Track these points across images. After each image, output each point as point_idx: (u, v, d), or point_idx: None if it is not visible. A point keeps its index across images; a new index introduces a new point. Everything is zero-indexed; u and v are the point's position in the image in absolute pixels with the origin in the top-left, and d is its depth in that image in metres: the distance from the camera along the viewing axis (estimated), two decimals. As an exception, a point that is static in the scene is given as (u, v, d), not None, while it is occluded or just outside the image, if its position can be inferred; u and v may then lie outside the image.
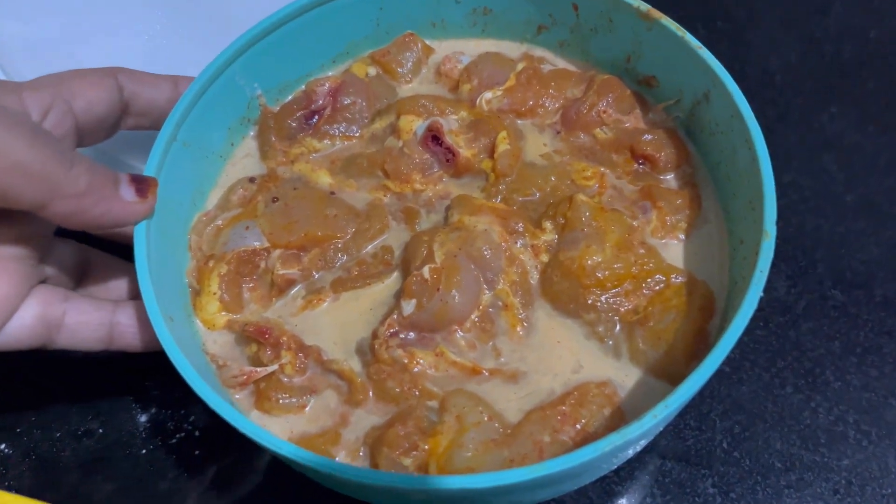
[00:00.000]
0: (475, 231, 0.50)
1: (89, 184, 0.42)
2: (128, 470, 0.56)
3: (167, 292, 0.47)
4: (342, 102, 0.57)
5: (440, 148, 0.54)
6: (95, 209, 0.43)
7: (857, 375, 0.57)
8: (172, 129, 0.49)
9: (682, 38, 0.51)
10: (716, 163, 0.52)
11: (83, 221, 0.44)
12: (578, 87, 0.57)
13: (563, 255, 0.49)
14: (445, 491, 0.37)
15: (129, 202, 0.45)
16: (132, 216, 0.45)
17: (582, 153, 0.55)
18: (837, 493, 0.52)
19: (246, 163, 0.57)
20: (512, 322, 0.49)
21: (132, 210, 0.45)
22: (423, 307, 0.47)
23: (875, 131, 0.69)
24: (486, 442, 0.43)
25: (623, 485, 0.54)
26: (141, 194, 0.45)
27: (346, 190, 0.55)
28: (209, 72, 0.51)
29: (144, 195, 0.46)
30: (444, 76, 0.59)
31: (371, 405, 0.47)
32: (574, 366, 0.47)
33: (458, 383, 0.47)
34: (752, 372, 0.57)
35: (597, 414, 0.44)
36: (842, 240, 0.63)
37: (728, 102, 0.48)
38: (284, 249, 0.51)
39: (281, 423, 0.47)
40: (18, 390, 0.59)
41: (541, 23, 0.59)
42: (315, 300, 0.50)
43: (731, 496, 0.53)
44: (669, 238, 0.51)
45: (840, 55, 0.74)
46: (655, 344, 0.46)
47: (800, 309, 0.60)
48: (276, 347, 0.47)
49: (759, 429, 0.55)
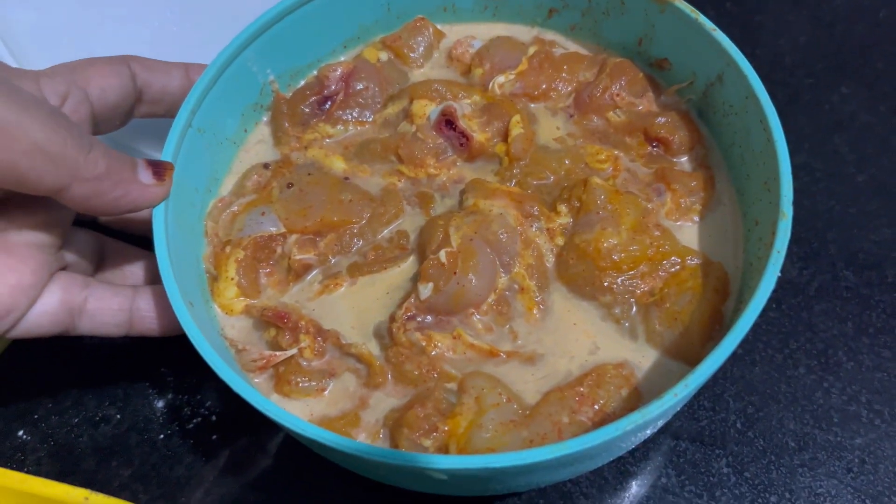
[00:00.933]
0: (490, 215, 0.50)
1: (108, 167, 0.43)
2: (144, 455, 0.56)
3: (185, 278, 0.48)
4: (354, 88, 0.57)
5: (454, 132, 0.54)
6: (114, 192, 0.44)
7: (869, 356, 0.57)
8: (188, 115, 0.49)
9: (697, 21, 0.51)
10: (729, 145, 0.52)
11: (102, 205, 0.44)
12: (591, 71, 0.57)
13: (578, 238, 0.49)
14: (466, 471, 0.38)
15: (147, 185, 0.45)
16: (150, 199, 0.46)
17: (595, 136, 0.55)
18: (851, 471, 0.53)
19: (259, 149, 0.57)
20: (528, 305, 0.49)
21: (150, 193, 0.45)
22: (440, 290, 0.47)
23: (886, 111, 0.69)
24: (506, 423, 0.44)
25: (638, 465, 0.54)
26: (158, 177, 0.46)
27: (360, 175, 0.55)
28: (222, 58, 0.51)
29: (162, 178, 0.46)
30: (455, 60, 0.59)
31: (390, 387, 0.47)
32: (591, 347, 0.48)
33: (475, 365, 0.47)
34: (765, 353, 0.57)
35: (614, 395, 0.45)
36: (854, 221, 0.63)
37: (742, 84, 0.48)
38: (300, 235, 0.51)
39: (300, 406, 0.47)
40: (35, 377, 0.60)
41: (552, 6, 0.59)
42: (332, 285, 0.50)
43: (746, 475, 0.53)
44: (684, 220, 0.51)
45: (850, 35, 0.74)
46: (672, 325, 0.47)
47: (812, 290, 0.60)
48: (294, 331, 0.48)
49: (772, 409, 0.55)
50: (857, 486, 0.52)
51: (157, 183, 0.46)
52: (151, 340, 0.50)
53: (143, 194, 0.45)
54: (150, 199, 0.46)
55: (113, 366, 0.60)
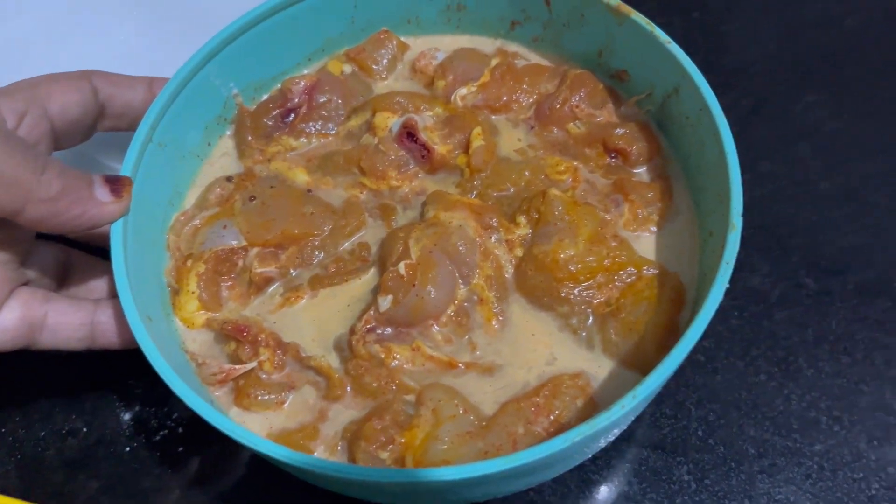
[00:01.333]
0: (450, 227, 0.50)
1: (62, 187, 0.43)
2: (112, 468, 0.56)
3: (146, 292, 0.48)
4: (318, 100, 0.57)
5: (415, 144, 0.55)
6: (70, 212, 0.44)
7: (829, 362, 0.57)
8: (147, 130, 0.49)
9: (652, 33, 0.51)
10: (686, 156, 0.53)
11: (59, 224, 0.44)
12: (552, 82, 0.57)
13: (536, 249, 0.50)
14: (419, 483, 0.38)
15: (105, 202, 0.45)
16: (108, 216, 0.46)
17: (556, 148, 0.56)
18: (810, 477, 0.53)
19: (223, 162, 0.57)
20: (487, 316, 0.49)
21: (108, 210, 0.46)
22: (399, 303, 0.48)
23: (851, 119, 0.70)
24: (462, 434, 0.44)
25: (601, 473, 0.54)
26: (116, 194, 0.46)
27: (323, 187, 0.55)
28: (184, 72, 0.52)
29: (119, 194, 0.46)
30: (419, 72, 0.60)
31: (349, 400, 0.48)
32: (548, 358, 0.48)
33: (434, 377, 0.48)
34: (727, 361, 0.58)
35: (570, 405, 0.45)
36: (816, 228, 0.64)
37: (696, 96, 0.49)
38: (262, 248, 0.51)
39: (260, 419, 0.47)
40: (2, 390, 0.60)
41: (514, 18, 0.59)
42: (293, 297, 0.51)
43: (706, 482, 0.54)
44: (641, 231, 0.52)
45: (816, 44, 0.75)
46: (627, 335, 0.47)
47: (774, 297, 0.61)
48: (254, 345, 0.48)
49: (733, 416, 0.56)
50: (815, 493, 0.53)
51: (114, 200, 0.46)
52: (118, 352, 0.50)
53: (100, 212, 0.45)
54: (109, 215, 0.46)
55: (80, 378, 0.60)
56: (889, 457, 0.54)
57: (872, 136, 0.69)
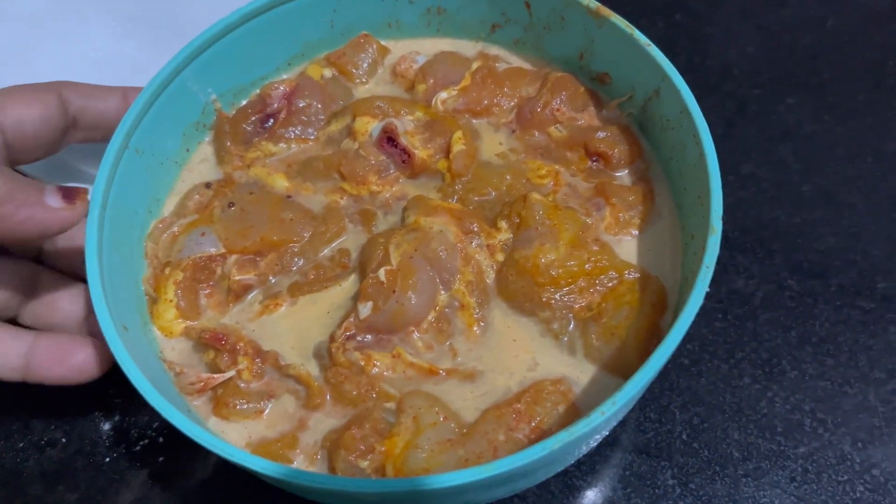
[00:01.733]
0: (431, 232, 0.50)
1: (7, 191, 0.42)
2: (91, 479, 0.56)
3: (123, 301, 0.47)
4: (297, 105, 0.57)
5: (395, 149, 0.54)
6: (17, 215, 0.43)
7: (812, 364, 0.57)
8: (123, 137, 0.49)
9: (631, 36, 0.51)
10: (668, 158, 0.53)
11: (5, 230, 0.43)
12: (533, 86, 0.57)
13: (517, 254, 0.49)
14: (399, 493, 0.38)
15: (56, 209, 0.45)
16: (60, 223, 0.45)
17: (537, 151, 0.55)
18: (794, 480, 0.53)
19: (202, 168, 0.57)
20: (468, 322, 0.49)
21: (59, 216, 0.45)
22: (379, 309, 0.47)
23: (831, 121, 0.70)
24: (442, 442, 0.44)
25: (585, 479, 0.54)
26: (68, 200, 0.45)
27: (303, 193, 0.55)
28: (160, 78, 0.51)
29: (72, 201, 0.45)
30: (399, 76, 0.59)
31: (329, 408, 0.47)
32: (530, 364, 0.48)
33: (415, 384, 0.47)
34: (711, 364, 0.58)
35: (551, 411, 0.45)
36: (798, 230, 0.64)
37: (676, 99, 0.49)
38: (241, 255, 0.51)
39: (239, 428, 0.47)
40: (-22, 402, 0.59)
41: (494, 21, 0.59)
42: (272, 305, 0.50)
43: (691, 486, 0.53)
44: (623, 234, 0.52)
45: (797, 46, 0.75)
46: (609, 340, 0.47)
47: (758, 300, 0.60)
48: (232, 353, 0.47)
49: (717, 420, 0.55)
50: (800, 496, 0.53)
51: (66, 206, 0.45)
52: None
53: (50, 217, 0.44)
54: (59, 222, 0.45)
55: (59, 388, 0.59)
56: (873, 459, 0.54)
57: (852, 137, 0.69)
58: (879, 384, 0.56)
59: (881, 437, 0.55)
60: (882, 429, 0.55)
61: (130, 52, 0.64)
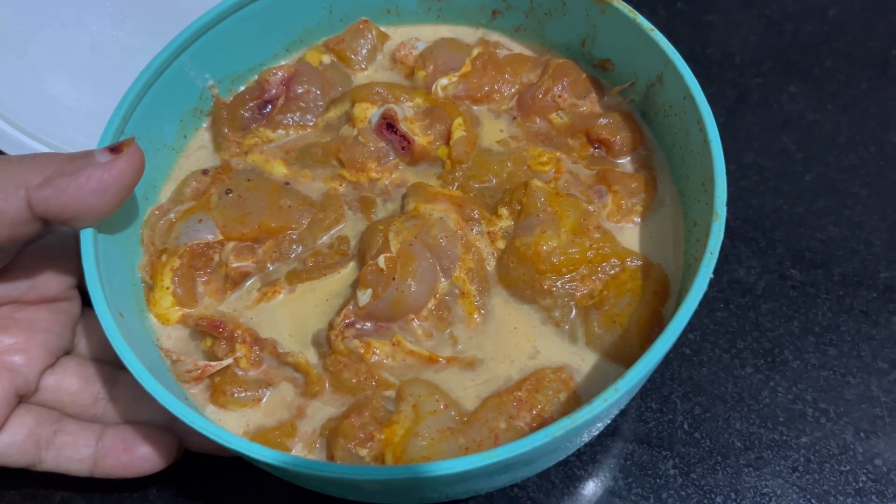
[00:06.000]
0: (431, 219, 0.49)
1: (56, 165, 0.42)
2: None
3: (118, 288, 0.47)
4: (296, 91, 0.56)
5: (395, 136, 0.54)
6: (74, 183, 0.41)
7: (815, 354, 0.57)
8: (119, 122, 0.48)
9: (634, 21, 0.50)
10: (671, 145, 0.52)
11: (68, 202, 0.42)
12: (534, 72, 0.56)
13: (518, 242, 0.49)
14: (399, 481, 0.37)
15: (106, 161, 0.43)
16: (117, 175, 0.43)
17: (538, 138, 0.55)
18: (796, 470, 0.53)
19: (199, 155, 0.56)
20: (469, 309, 0.48)
21: (116, 168, 0.42)
22: (378, 297, 0.47)
23: (834, 110, 0.70)
24: (443, 430, 0.43)
25: (586, 468, 0.54)
26: (115, 151, 0.43)
27: (301, 180, 0.54)
28: (157, 63, 0.50)
29: (119, 150, 0.43)
30: (399, 63, 0.59)
31: (328, 396, 0.46)
32: (531, 352, 0.47)
33: (415, 372, 0.47)
34: (713, 353, 0.57)
35: (553, 399, 0.44)
36: (801, 219, 0.63)
37: (680, 84, 0.48)
38: (238, 242, 0.50)
39: (237, 416, 0.46)
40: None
41: (495, 7, 0.58)
42: (270, 292, 0.50)
43: (692, 476, 0.53)
44: (625, 222, 0.51)
45: (799, 34, 0.75)
46: (611, 328, 0.46)
47: (760, 289, 0.60)
48: (230, 341, 0.47)
49: (719, 409, 0.55)
50: (802, 486, 0.52)
51: (115, 157, 0.43)
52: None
53: (108, 172, 0.42)
54: (118, 175, 0.43)
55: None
56: (876, 449, 0.53)
57: (855, 127, 0.68)
58: (882, 374, 0.56)
59: (884, 427, 0.54)
60: (885, 419, 0.54)
61: (126, 37, 0.63)
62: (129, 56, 0.54)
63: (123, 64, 0.53)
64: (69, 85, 0.62)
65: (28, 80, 0.61)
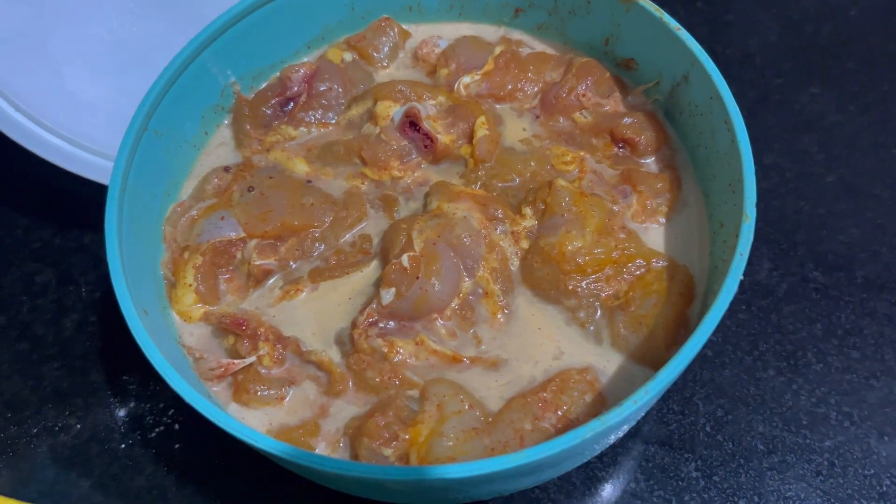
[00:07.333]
0: (454, 218, 0.49)
1: None
2: (105, 466, 0.55)
3: (141, 285, 0.47)
4: (318, 89, 0.56)
5: (418, 134, 0.53)
6: None
7: (838, 357, 0.57)
8: (143, 118, 0.48)
9: (661, 20, 0.50)
10: (695, 145, 0.52)
11: None
12: (557, 71, 0.56)
13: (543, 241, 0.48)
14: (424, 481, 0.37)
15: None
16: None
17: (561, 137, 0.54)
18: (820, 474, 0.53)
19: (221, 152, 0.56)
20: (492, 309, 0.48)
21: None
22: (402, 296, 0.46)
23: (855, 111, 0.69)
24: (467, 430, 0.43)
25: (607, 470, 0.53)
26: None
27: (323, 178, 0.54)
28: (180, 59, 0.50)
29: None
30: (421, 61, 0.58)
31: (351, 395, 0.46)
32: (555, 352, 0.47)
33: (438, 372, 0.46)
34: (735, 356, 0.57)
35: (578, 400, 0.44)
36: (822, 221, 0.63)
37: (707, 84, 0.48)
38: (261, 239, 0.50)
39: (259, 415, 0.46)
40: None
41: (518, 5, 0.58)
42: (293, 290, 0.49)
43: (715, 479, 0.53)
44: (650, 222, 0.51)
45: (819, 35, 0.74)
46: (636, 329, 0.46)
47: (781, 292, 0.60)
48: (253, 339, 0.47)
49: (741, 412, 0.55)
50: (826, 490, 0.52)
51: None
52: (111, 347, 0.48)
53: None
54: None
55: (73, 374, 0.58)
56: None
57: (876, 128, 0.68)
58: (905, 378, 0.56)
59: (907, 431, 0.54)
60: (908, 423, 0.54)
61: (146, 34, 0.63)
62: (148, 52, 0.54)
63: (143, 60, 0.52)
64: (89, 81, 0.62)
65: (48, 75, 0.61)
